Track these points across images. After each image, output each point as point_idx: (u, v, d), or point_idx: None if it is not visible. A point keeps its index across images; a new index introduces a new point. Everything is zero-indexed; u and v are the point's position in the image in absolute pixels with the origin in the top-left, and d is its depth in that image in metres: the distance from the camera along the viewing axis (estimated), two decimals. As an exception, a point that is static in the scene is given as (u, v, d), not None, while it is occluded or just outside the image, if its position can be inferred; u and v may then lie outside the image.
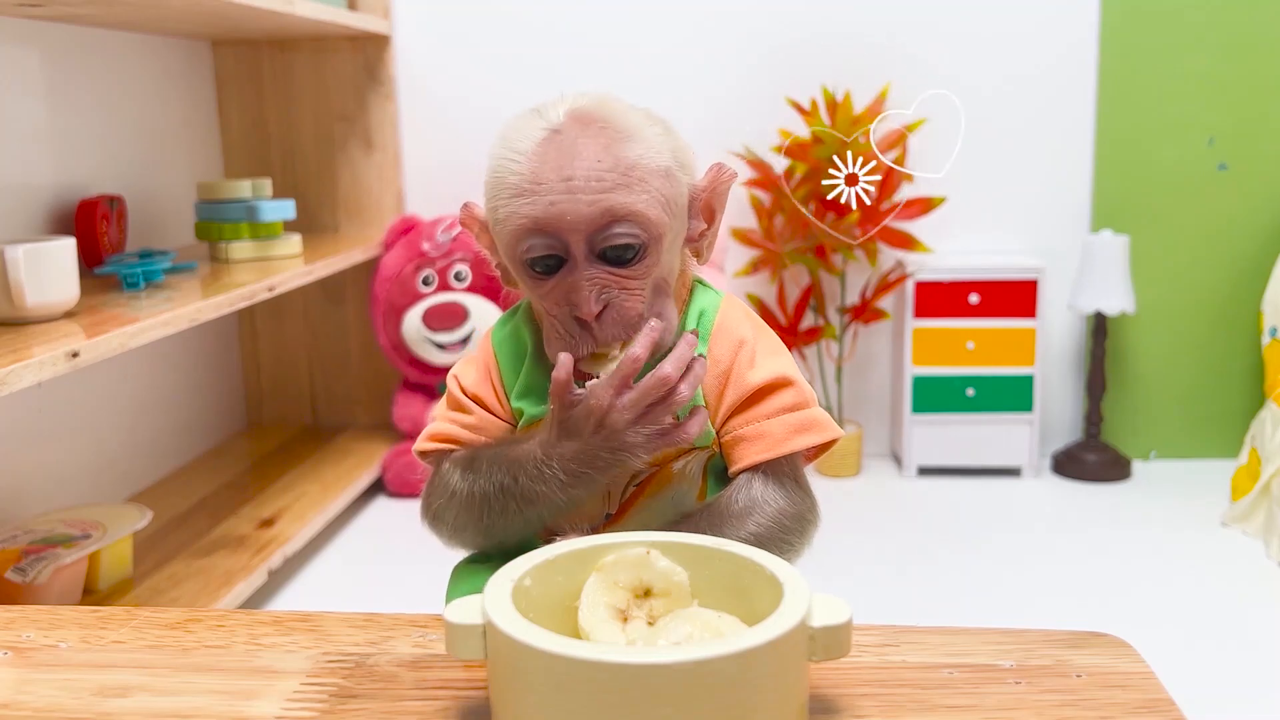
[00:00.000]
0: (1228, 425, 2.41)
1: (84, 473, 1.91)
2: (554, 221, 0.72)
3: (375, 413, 2.52)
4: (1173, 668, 0.89)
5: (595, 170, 0.72)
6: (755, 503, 0.77)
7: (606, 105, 0.76)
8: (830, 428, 0.79)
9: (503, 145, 0.76)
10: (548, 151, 0.73)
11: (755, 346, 0.80)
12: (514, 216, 0.74)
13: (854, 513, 2.18)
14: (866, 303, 2.34)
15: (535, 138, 0.74)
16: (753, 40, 2.37)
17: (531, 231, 0.73)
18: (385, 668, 0.64)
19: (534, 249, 0.74)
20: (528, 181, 0.73)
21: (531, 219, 0.73)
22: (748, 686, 0.50)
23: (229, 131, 2.44)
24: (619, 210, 0.72)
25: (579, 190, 0.72)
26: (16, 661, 0.66)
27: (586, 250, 0.73)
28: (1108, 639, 0.66)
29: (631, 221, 0.73)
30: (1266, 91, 2.31)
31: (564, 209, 0.72)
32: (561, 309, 0.75)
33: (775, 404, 0.78)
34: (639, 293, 0.75)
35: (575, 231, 0.73)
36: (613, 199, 0.72)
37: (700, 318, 0.81)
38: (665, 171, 0.75)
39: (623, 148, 0.74)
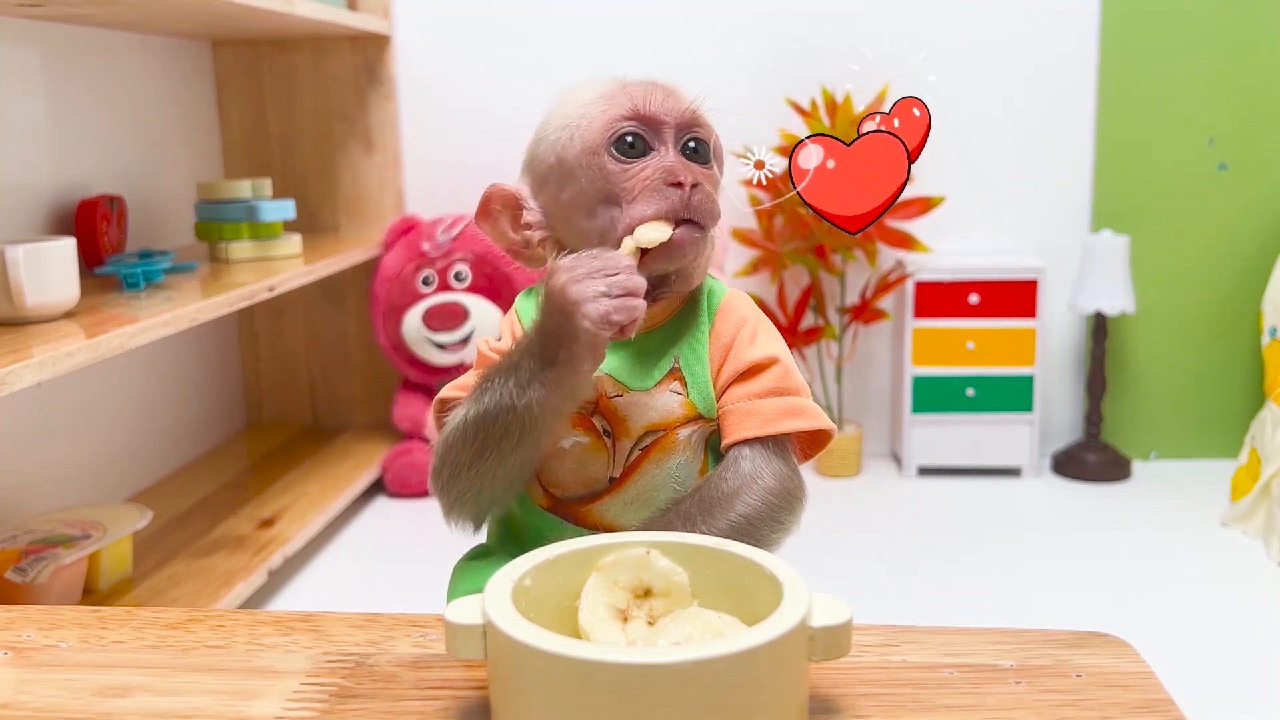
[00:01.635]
0: (1228, 425, 2.41)
1: (84, 473, 1.91)
2: (654, 109, 0.80)
3: (375, 413, 2.52)
4: (1173, 668, 0.89)
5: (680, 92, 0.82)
6: (744, 481, 0.77)
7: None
8: (820, 418, 0.80)
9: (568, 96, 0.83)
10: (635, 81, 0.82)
11: (757, 327, 0.82)
12: (613, 106, 0.80)
13: (854, 513, 2.18)
14: (866, 303, 2.34)
15: (607, 84, 0.82)
16: (753, 41, 2.37)
17: (627, 116, 0.80)
18: (385, 668, 0.64)
19: (625, 129, 0.79)
20: (618, 87, 0.81)
21: (630, 108, 0.80)
22: (748, 686, 0.50)
23: (229, 131, 2.44)
24: (702, 117, 0.82)
25: (676, 94, 0.82)
26: (16, 661, 0.66)
27: (673, 141, 0.80)
28: (1108, 639, 0.66)
29: (707, 130, 0.82)
30: (1266, 91, 2.31)
31: (663, 99, 0.81)
32: (653, 179, 0.78)
33: (767, 382, 0.79)
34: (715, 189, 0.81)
35: (670, 118, 0.80)
36: (698, 106, 0.82)
37: (709, 295, 0.84)
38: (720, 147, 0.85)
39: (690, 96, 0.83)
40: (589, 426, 0.79)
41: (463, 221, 2.31)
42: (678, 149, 0.81)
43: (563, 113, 0.82)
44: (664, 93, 0.82)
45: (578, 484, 0.80)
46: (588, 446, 0.79)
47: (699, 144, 0.81)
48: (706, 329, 0.82)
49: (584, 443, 0.79)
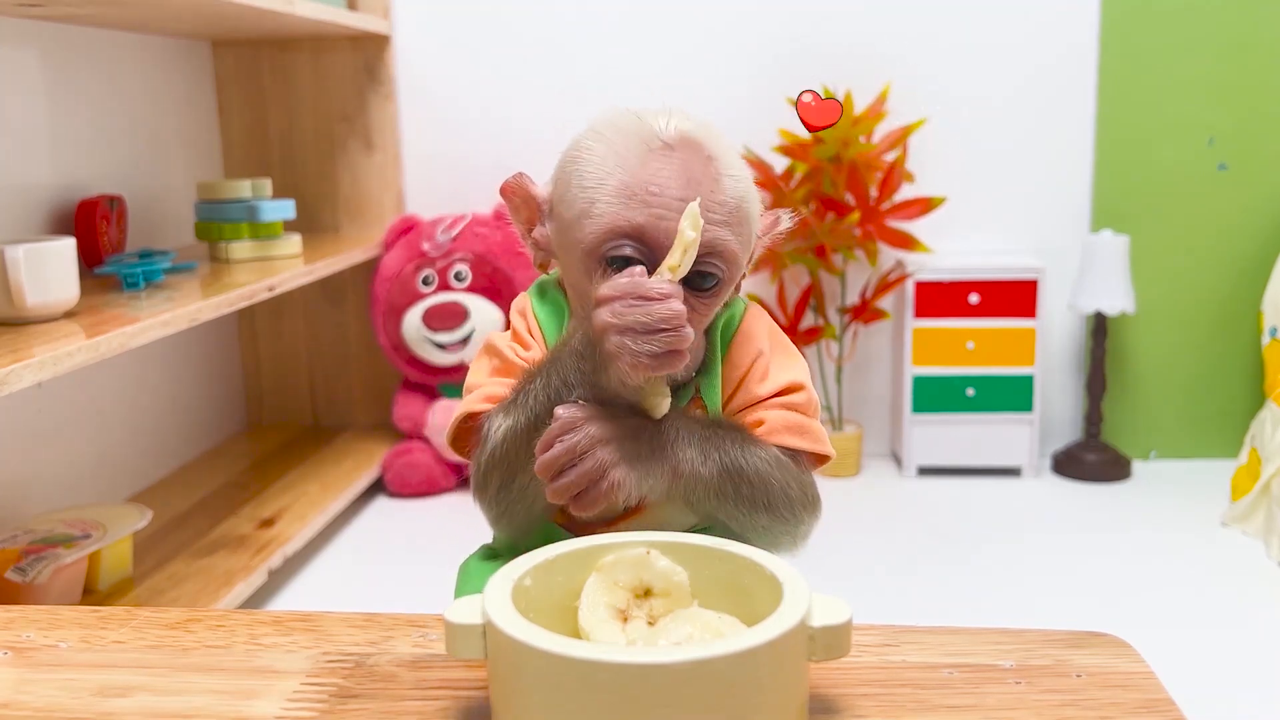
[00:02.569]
0: (1228, 425, 2.41)
1: (84, 473, 1.91)
2: (658, 235, 0.73)
3: (375, 413, 2.52)
4: (1173, 668, 0.89)
5: (711, 201, 0.74)
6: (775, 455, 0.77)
7: (713, 134, 0.78)
8: (823, 442, 0.79)
9: (603, 143, 0.76)
10: (662, 166, 0.74)
11: (770, 359, 0.81)
12: (614, 216, 0.74)
13: (854, 513, 2.18)
14: (866, 303, 2.34)
15: (647, 146, 0.75)
16: (753, 40, 2.37)
17: (628, 235, 0.74)
18: (385, 668, 0.64)
19: (622, 249, 0.74)
20: (639, 187, 0.74)
21: (634, 225, 0.73)
22: (748, 686, 0.50)
23: (229, 131, 2.44)
24: (719, 245, 0.74)
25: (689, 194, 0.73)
26: (16, 661, 0.66)
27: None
28: (1108, 639, 0.66)
29: (724, 260, 0.75)
30: (1266, 91, 2.31)
31: (673, 227, 0.73)
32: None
33: (776, 401, 0.79)
34: (703, 320, 0.77)
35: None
36: (718, 234, 0.74)
37: (726, 324, 0.82)
38: (754, 217, 0.78)
39: (731, 185, 0.75)
40: None
41: (463, 221, 2.31)
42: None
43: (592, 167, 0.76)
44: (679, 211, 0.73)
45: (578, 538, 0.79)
46: None
47: (707, 275, 0.75)
48: (719, 359, 0.81)
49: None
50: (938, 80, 2.36)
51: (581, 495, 0.70)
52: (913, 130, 2.29)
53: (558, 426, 0.71)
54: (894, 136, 2.28)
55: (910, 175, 2.33)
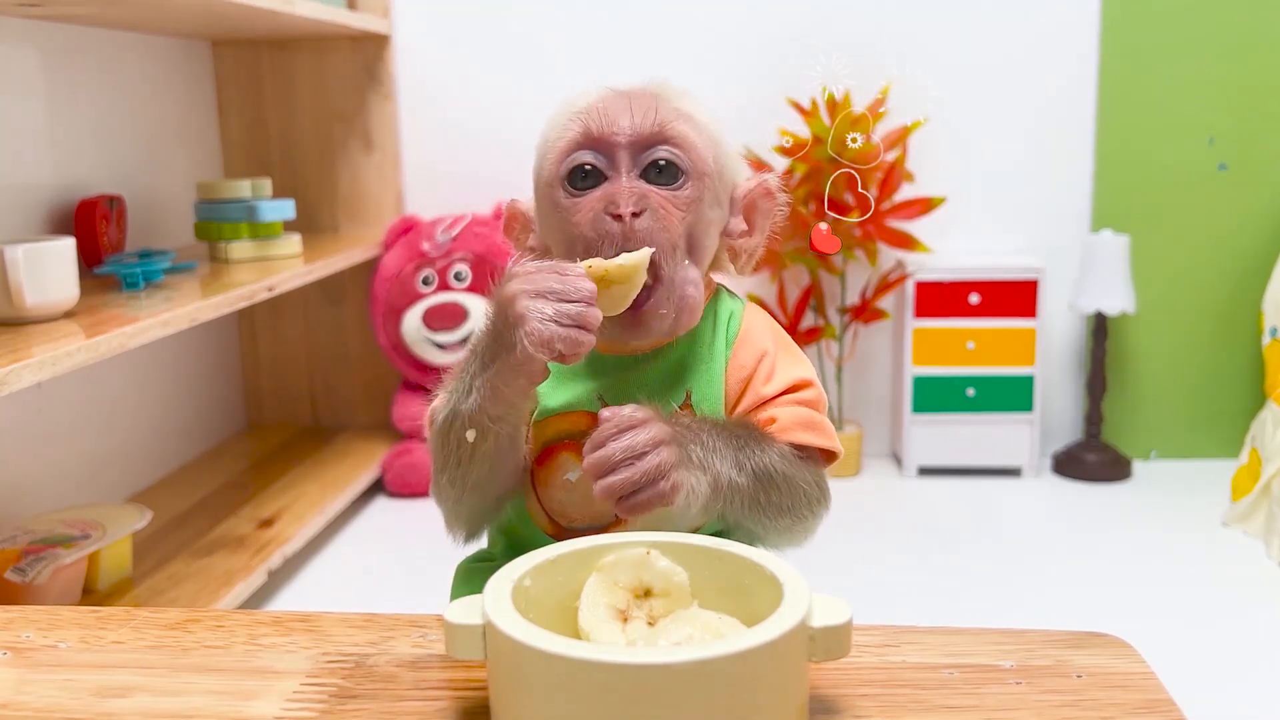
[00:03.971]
0: (1228, 425, 2.41)
1: (84, 473, 1.91)
2: (605, 129, 0.74)
3: (375, 413, 2.52)
4: (1173, 668, 0.89)
5: (650, 102, 0.76)
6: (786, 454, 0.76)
7: (678, 87, 0.81)
8: (833, 439, 0.78)
9: (560, 104, 0.79)
10: (609, 93, 0.78)
11: (775, 359, 0.79)
12: (567, 132, 0.76)
13: (854, 513, 2.18)
14: (866, 303, 2.34)
15: (600, 91, 0.79)
16: (753, 41, 2.37)
17: (580, 144, 0.75)
18: (385, 668, 0.64)
19: (577, 158, 0.75)
20: (583, 109, 0.76)
21: (583, 130, 0.75)
22: (748, 687, 0.50)
23: (229, 131, 2.44)
24: (669, 130, 0.75)
25: (635, 107, 0.75)
26: (16, 661, 0.66)
27: (630, 163, 0.75)
28: (1108, 639, 0.66)
29: (678, 145, 0.75)
30: (1266, 91, 2.31)
31: (617, 119, 0.75)
32: (596, 213, 0.74)
33: (787, 398, 0.78)
34: (676, 217, 0.74)
35: (623, 138, 0.75)
36: (666, 119, 0.75)
37: (729, 321, 0.81)
38: (715, 138, 0.78)
39: (680, 103, 0.78)
40: None
41: (463, 221, 2.31)
42: (636, 172, 0.75)
43: (550, 121, 0.79)
44: (621, 107, 0.75)
45: (584, 517, 0.78)
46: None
47: (666, 164, 0.75)
48: (723, 358, 0.79)
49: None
50: (938, 80, 2.36)
51: (634, 495, 0.67)
52: (913, 130, 2.29)
53: (613, 425, 0.69)
54: (894, 136, 2.28)
55: (910, 175, 2.33)
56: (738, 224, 0.81)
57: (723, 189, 0.79)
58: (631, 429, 0.68)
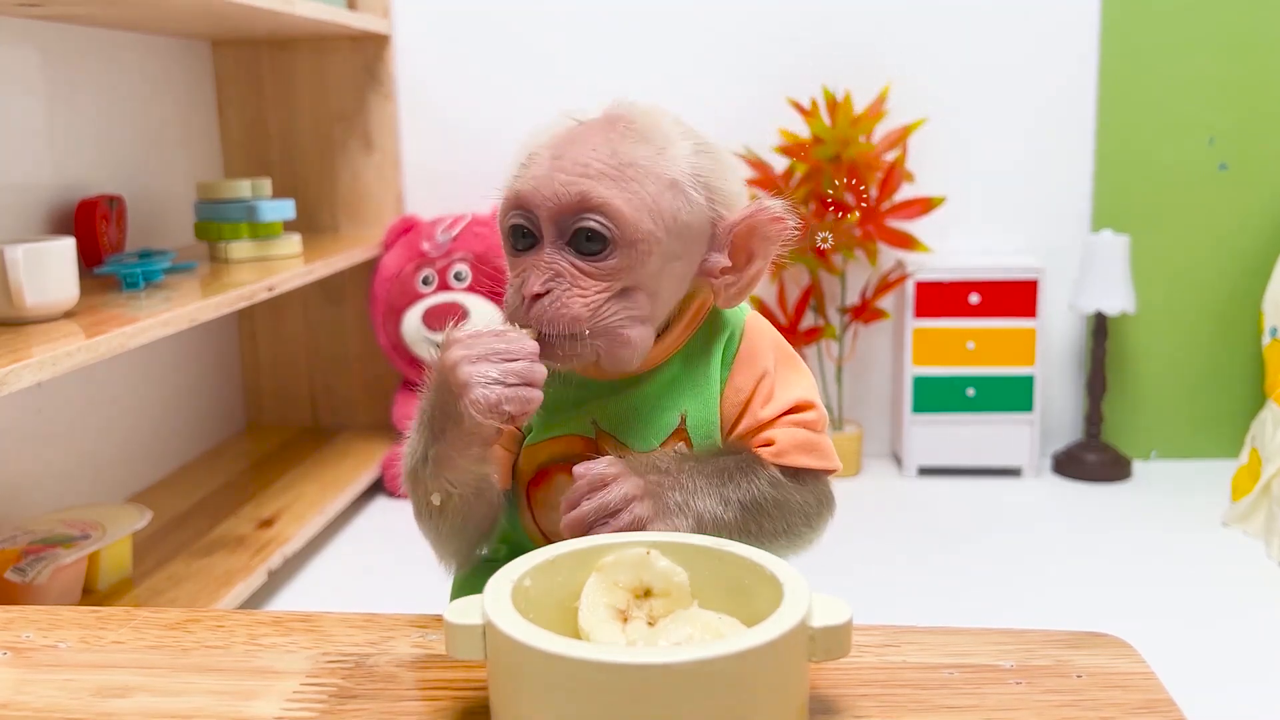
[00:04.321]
0: (1228, 425, 2.41)
1: (84, 473, 1.91)
2: (530, 195, 0.71)
3: (375, 413, 2.52)
4: (1173, 668, 0.89)
5: (586, 156, 0.71)
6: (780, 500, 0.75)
7: (644, 110, 0.75)
8: (831, 458, 0.78)
9: (529, 133, 0.76)
10: (560, 137, 0.73)
11: (775, 380, 0.77)
12: (510, 188, 0.74)
13: (854, 513, 2.18)
14: (866, 303, 2.34)
15: (561, 126, 0.75)
16: (753, 40, 2.37)
17: (513, 205, 0.73)
18: (385, 668, 0.64)
19: (512, 220, 0.73)
20: (526, 157, 0.74)
21: (514, 192, 0.73)
22: (748, 687, 0.50)
23: (229, 131, 2.44)
24: (593, 198, 0.70)
25: (562, 169, 0.71)
26: (16, 661, 0.66)
27: (555, 233, 0.71)
28: (1108, 639, 0.66)
29: (604, 214, 0.70)
30: (1267, 91, 2.31)
31: (541, 184, 0.71)
32: (515, 284, 0.73)
33: (786, 419, 0.77)
34: (592, 292, 0.71)
35: (546, 209, 0.71)
36: (589, 185, 0.70)
37: (728, 341, 0.78)
38: (671, 182, 0.72)
39: (629, 145, 0.72)
40: None
41: (462, 221, 2.31)
42: (563, 241, 0.71)
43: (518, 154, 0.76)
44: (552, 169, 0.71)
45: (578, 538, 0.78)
46: None
47: (591, 234, 0.70)
48: (719, 380, 0.77)
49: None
50: (938, 80, 2.36)
51: None
52: (913, 130, 2.29)
53: (585, 483, 0.69)
54: (894, 136, 2.28)
55: (910, 175, 2.33)
56: (718, 260, 0.75)
57: (682, 239, 0.73)
58: (604, 487, 0.69)
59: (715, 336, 0.78)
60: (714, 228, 0.75)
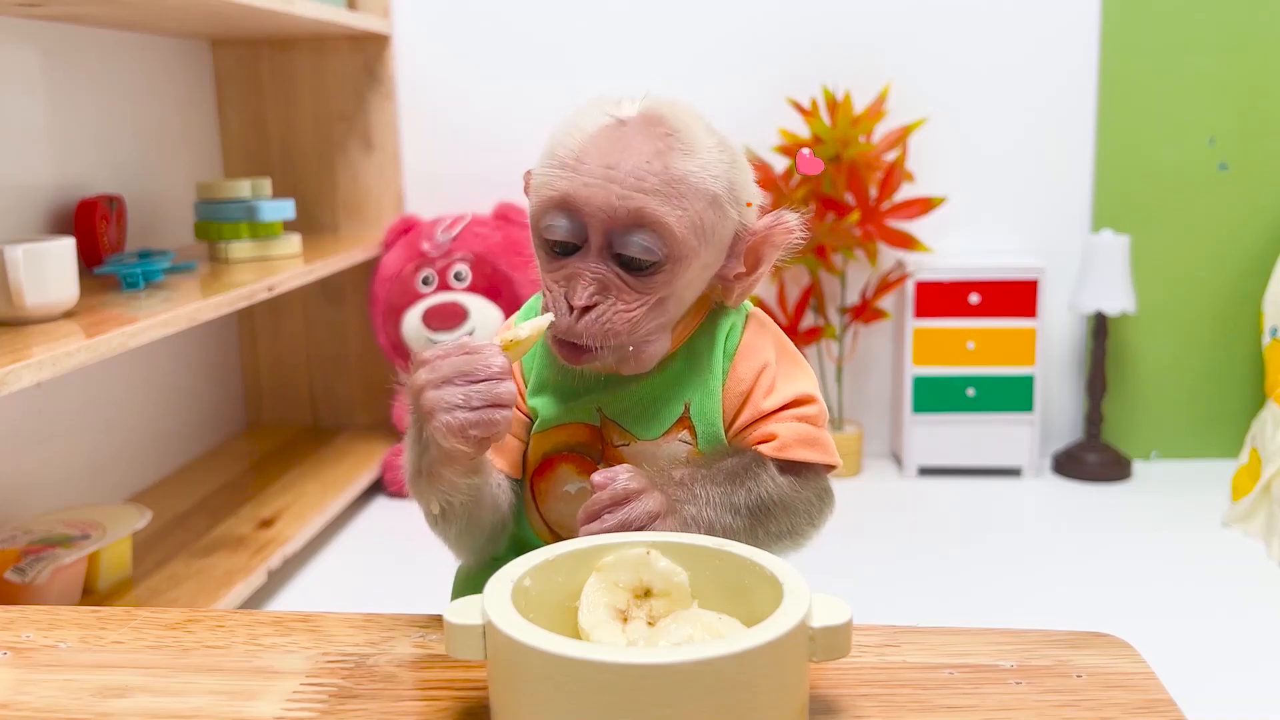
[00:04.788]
0: (1228, 425, 2.41)
1: (84, 473, 1.91)
2: (582, 204, 0.70)
3: (375, 413, 2.52)
4: (1173, 668, 0.89)
5: (641, 169, 0.70)
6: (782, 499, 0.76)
7: (681, 112, 0.74)
8: (832, 454, 0.78)
9: (567, 122, 0.74)
10: (605, 137, 0.72)
11: (776, 372, 0.78)
12: (548, 188, 0.72)
13: (854, 513, 2.18)
14: (866, 303, 2.34)
15: (600, 122, 0.73)
16: (753, 40, 2.37)
17: (558, 207, 0.72)
18: (385, 668, 0.64)
19: (555, 229, 0.72)
20: (573, 157, 0.72)
21: (562, 194, 0.71)
22: (748, 687, 0.50)
23: (229, 131, 2.44)
24: (648, 216, 0.70)
25: (617, 181, 0.70)
26: (16, 661, 0.66)
27: (603, 243, 0.71)
28: (1108, 639, 0.66)
29: (657, 233, 0.70)
30: (1267, 91, 2.31)
31: (595, 194, 0.70)
32: (558, 289, 0.73)
33: (787, 413, 0.78)
34: (636, 307, 0.72)
35: (598, 220, 0.71)
36: (647, 202, 0.70)
37: (729, 334, 0.79)
38: (713, 198, 0.72)
39: (678, 158, 0.71)
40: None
41: (463, 221, 2.31)
42: (608, 252, 0.71)
43: (548, 146, 0.75)
44: (605, 177, 0.70)
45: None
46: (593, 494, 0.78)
47: (641, 248, 0.70)
48: (721, 373, 0.77)
49: (590, 490, 0.77)
50: (938, 80, 2.36)
51: None
52: (912, 130, 2.29)
53: (607, 495, 0.68)
54: (894, 136, 2.28)
55: (910, 175, 2.33)
56: (734, 266, 0.77)
57: (714, 251, 0.75)
58: (626, 502, 0.69)
59: (717, 328, 0.79)
60: (737, 237, 0.76)
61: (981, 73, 2.36)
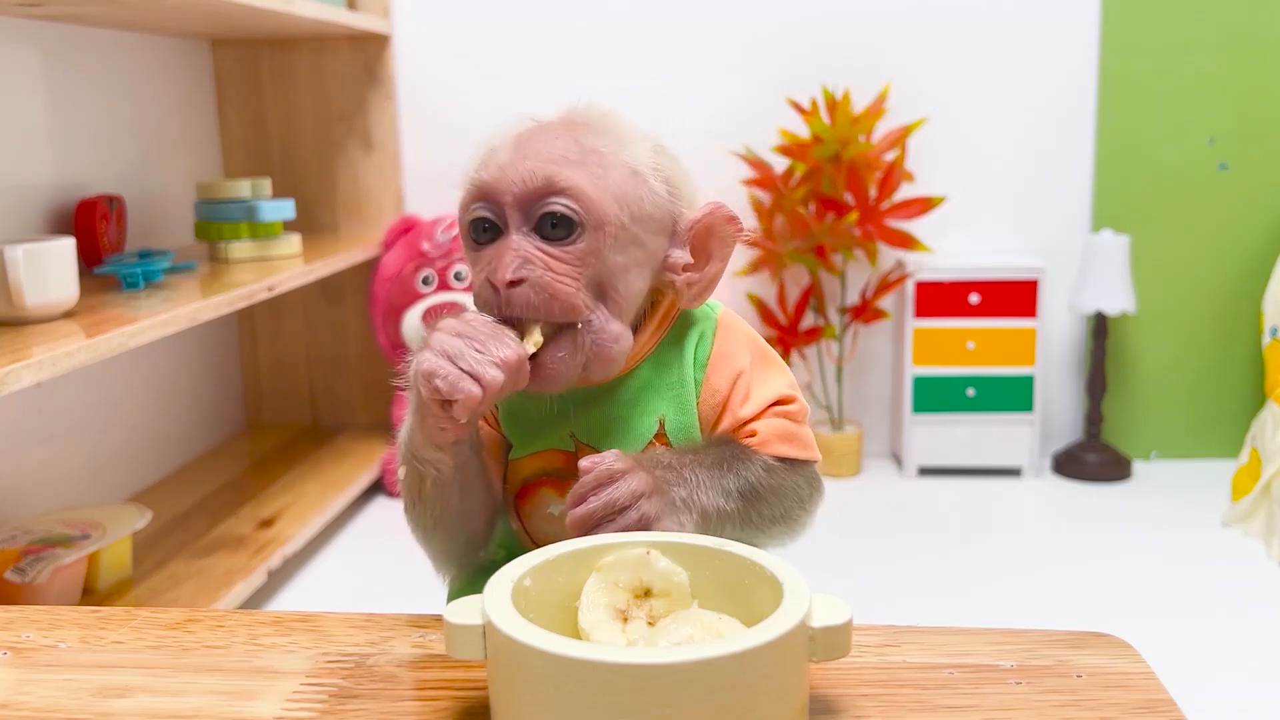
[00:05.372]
0: (1228, 425, 2.41)
1: (84, 473, 1.91)
2: (494, 184, 0.71)
3: (375, 413, 2.52)
4: (1173, 668, 0.89)
5: (549, 145, 0.71)
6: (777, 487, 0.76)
7: (601, 112, 0.75)
8: (812, 448, 0.78)
9: (491, 132, 0.76)
10: (522, 133, 0.74)
11: (751, 378, 0.77)
12: (471, 182, 0.74)
13: (854, 513, 2.18)
14: (866, 303, 2.34)
15: (520, 125, 0.75)
16: (753, 40, 2.37)
17: (475, 197, 0.73)
18: (385, 668, 0.64)
19: (474, 212, 0.73)
20: (490, 153, 0.74)
21: (476, 183, 0.73)
22: (748, 687, 0.50)
23: (229, 131, 2.44)
24: (558, 181, 0.70)
25: (526, 157, 0.71)
26: (16, 661, 0.66)
27: (520, 219, 0.71)
28: (1108, 639, 0.66)
29: (570, 195, 0.70)
30: (1267, 91, 2.31)
31: (506, 172, 0.71)
32: (481, 280, 0.72)
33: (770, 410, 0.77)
34: (567, 277, 0.70)
35: (511, 195, 0.71)
36: (555, 169, 0.70)
37: (699, 343, 0.77)
38: (633, 171, 0.72)
39: (591, 137, 0.72)
40: None
41: (463, 221, 2.31)
42: (528, 228, 0.71)
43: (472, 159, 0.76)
44: (516, 156, 0.71)
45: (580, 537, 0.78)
46: None
47: (558, 217, 0.70)
48: (693, 383, 0.76)
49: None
50: (938, 80, 2.36)
51: None
52: (912, 130, 2.29)
53: (592, 478, 0.68)
54: (894, 136, 2.28)
55: (910, 175, 2.33)
56: (681, 257, 0.75)
57: (645, 228, 0.73)
58: (611, 482, 0.68)
59: (685, 337, 0.78)
60: (675, 223, 0.75)
61: (981, 73, 2.36)
